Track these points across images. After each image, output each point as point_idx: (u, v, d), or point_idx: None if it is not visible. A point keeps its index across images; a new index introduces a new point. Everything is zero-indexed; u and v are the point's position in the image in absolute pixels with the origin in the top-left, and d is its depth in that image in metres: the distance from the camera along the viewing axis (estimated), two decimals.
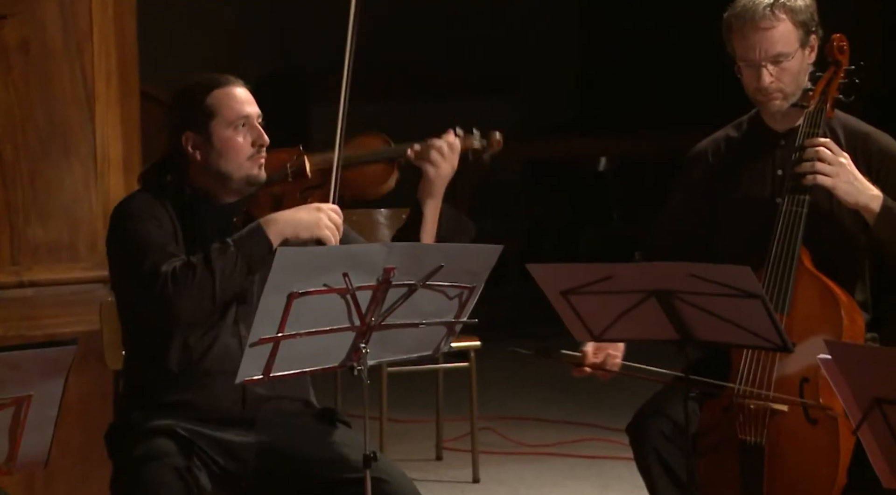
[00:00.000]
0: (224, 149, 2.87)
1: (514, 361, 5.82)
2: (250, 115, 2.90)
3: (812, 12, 3.03)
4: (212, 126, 2.87)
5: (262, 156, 2.90)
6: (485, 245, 2.75)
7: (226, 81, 2.91)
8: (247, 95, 2.92)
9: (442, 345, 2.81)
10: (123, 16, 3.81)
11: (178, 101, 2.94)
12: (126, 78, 3.82)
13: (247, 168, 2.88)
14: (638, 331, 2.84)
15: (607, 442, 4.75)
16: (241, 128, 2.88)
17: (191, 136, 2.89)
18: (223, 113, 2.88)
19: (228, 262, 2.76)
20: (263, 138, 2.90)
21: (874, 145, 3.06)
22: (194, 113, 2.88)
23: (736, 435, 2.93)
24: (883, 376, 2.05)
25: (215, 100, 2.88)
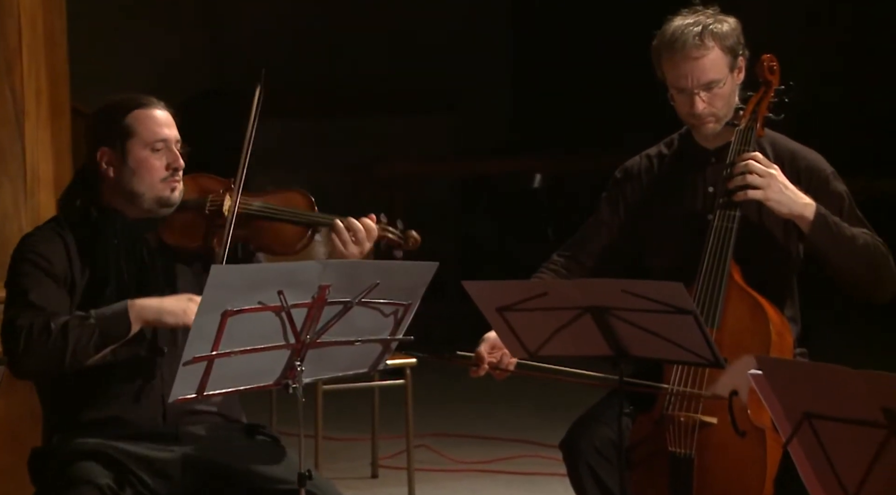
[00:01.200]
0: (138, 168, 2.89)
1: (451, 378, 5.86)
2: (168, 138, 2.91)
3: (738, 35, 3.07)
4: (128, 145, 2.89)
5: (176, 180, 2.91)
6: (420, 262, 2.75)
7: (148, 103, 2.93)
8: (167, 118, 2.93)
9: (378, 362, 2.81)
10: (54, 34, 3.77)
11: (98, 116, 2.96)
12: (56, 96, 3.78)
13: (159, 189, 2.90)
14: (573, 347, 2.86)
15: (542, 458, 4.77)
16: (158, 151, 2.90)
17: (106, 153, 2.91)
18: (141, 133, 2.89)
19: (84, 334, 2.77)
20: (178, 162, 2.91)
21: (802, 162, 3.11)
22: (113, 130, 2.90)
23: (666, 448, 2.96)
24: (812, 391, 2.08)
25: (135, 119, 2.90)
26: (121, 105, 2.92)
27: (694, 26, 3.03)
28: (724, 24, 3.05)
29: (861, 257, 2.98)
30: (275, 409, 4.53)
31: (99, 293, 2.86)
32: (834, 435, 2.07)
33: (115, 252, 2.87)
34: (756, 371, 2.15)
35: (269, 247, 3.02)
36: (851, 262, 2.99)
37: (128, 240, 2.90)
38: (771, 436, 2.89)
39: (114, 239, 2.88)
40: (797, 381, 2.10)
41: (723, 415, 2.94)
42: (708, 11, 3.07)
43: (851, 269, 2.99)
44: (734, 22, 3.07)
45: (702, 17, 3.06)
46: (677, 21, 3.06)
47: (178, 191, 2.91)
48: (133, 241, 2.89)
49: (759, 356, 2.33)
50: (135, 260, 2.89)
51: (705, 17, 3.05)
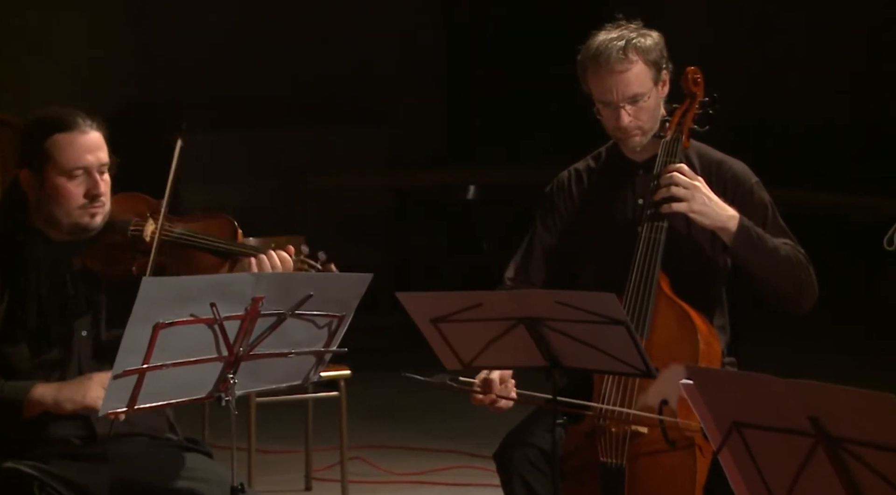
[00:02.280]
0: (54, 195, 2.82)
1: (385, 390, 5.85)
2: (89, 166, 2.82)
3: (661, 49, 3.11)
4: (46, 170, 2.82)
5: (96, 206, 2.83)
6: (354, 274, 2.75)
7: (73, 125, 2.82)
8: (91, 142, 2.83)
9: (311, 374, 2.80)
10: None
11: (23, 135, 2.88)
12: None
13: (76, 216, 2.83)
14: (507, 359, 2.87)
15: (476, 469, 4.78)
16: (76, 178, 2.81)
17: (26, 175, 2.85)
18: (59, 160, 2.81)
19: None
20: (98, 189, 2.82)
21: (728, 172, 3.15)
22: (32, 153, 2.83)
23: (598, 458, 2.98)
24: (741, 400, 2.10)
25: (53, 144, 2.81)
26: (42, 126, 2.82)
27: (617, 41, 3.06)
28: (647, 38, 3.09)
29: (782, 269, 3.03)
30: (207, 422, 4.49)
31: (19, 319, 2.80)
32: (762, 443, 2.10)
33: (37, 276, 2.82)
34: (686, 380, 2.18)
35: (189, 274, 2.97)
36: (773, 274, 3.03)
37: (51, 264, 2.84)
38: (701, 445, 2.92)
39: (36, 262, 2.82)
40: (726, 390, 2.12)
41: (653, 425, 2.96)
42: (631, 26, 3.11)
43: (773, 281, 3.04)
44: (657, 36, 3.11)
45: (625, 31, 3.09)
46: (601, 36, 3.09)
47: (99, 217, 2.84)
48: (57, 265, 2.84)
49: (689, 365, 2.36)
50: (57, 285, 2.84)
51: (628, 32, 3.09)
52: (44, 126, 2.84)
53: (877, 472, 1.98)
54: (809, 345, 6.21)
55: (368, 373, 4.73)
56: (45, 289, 2.82)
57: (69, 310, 2.83)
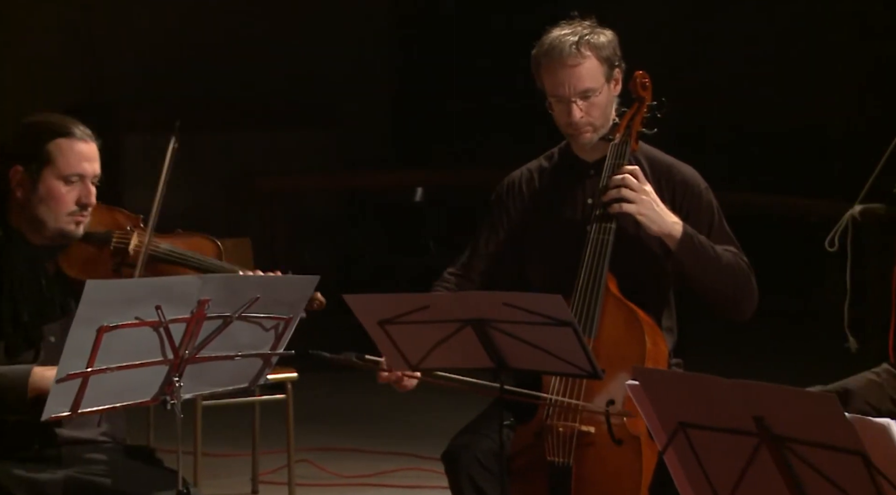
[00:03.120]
0: (47, 197, 2.82)
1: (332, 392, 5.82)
2: (85, 173, 2.85)
3: (614, 47, 3.14)
4: (43, 171, 2.83)
5: (84, 216, 2.85)
6: (301, 276, 2.74)
7: (75, 132, 2.86)
8: (91, 152, 2.87)
9: (258, 377, 2.79)
10: None
11: (21, 133, 2.89)
12: None
13: (64, 222, 2.84)
14: (454, 360, 2.87)
15: (424, 470, 4.78)
16: (72, 184, 2.83)
17: (19, 172, 2.84)
18: (59, 163, 2.83)
19: None
20: (90, 199, 2.85)
21: (677, 175, 3.18)
22: (32, 151, 2.83)
23: (545, 458, 2.99)
24: (687, 401, 2.12)
25: (57, 147, 2.83)
26: (47, 128, 2.85)
27: (571, 36, 3.10)
28: (600, 35, 3.12)
29: (724, 276, 3.06)
30: (152, 426, 4.46)
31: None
32: (707, 443, 2.12)
33: (13, 277, 2.79)
34: (632, 381, 2.19)
35: None
36: (714, 281, 3.06)
37: (28, 266, 2.82)
38: (646, 445, 2.94)
39: (12, 262, 2.80)
40: (672, 391, 2.14)
41: (600, 425, 2.98)
42: (585, 23, 3.14)
43: (713, 288, 3.07)
44: (611, 34, 3.15)
45: (579, 27, 3.13)
46: (555, 32, 3.13)
47: (82, 226, 2.85)
48: (32, 268, 2.82)
49: (636, 366, 2.38)
50: (32, 287, 2.82)
51: (582, 29, 3.12)
52: (49, 128, 2.85)
53: (818, 471, 2.00)
54: (754, 346, 6.28)
55: (316, 376, 4.72)
56: (19, 292, 2.80)
57: (43, 313, 2.81)
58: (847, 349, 4.46)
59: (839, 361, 4.89)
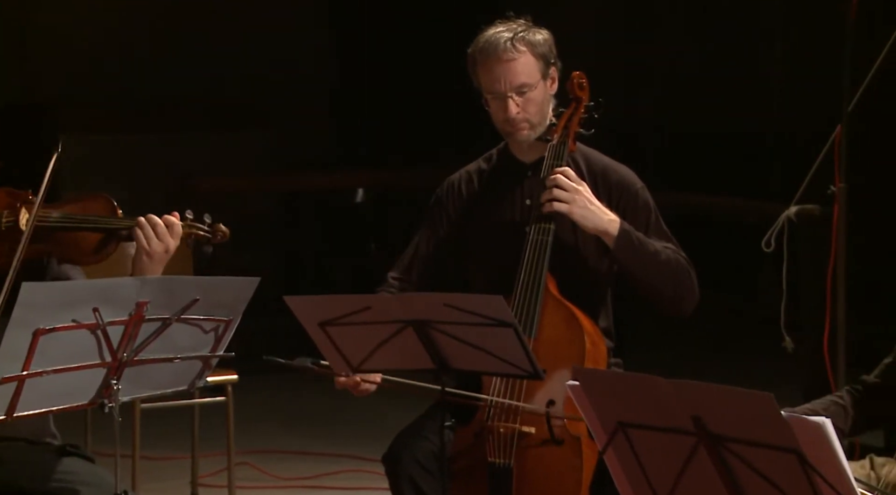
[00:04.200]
0: None
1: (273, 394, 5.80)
2: None
3: (550, 45, 3.17)
4: None
5: None
6: (241, 278, 2.72)
7: None
8: None
9: (198, 379, 2.77)
10: None
11: None
12: None
13: None
14: (396, 361, 2.87)
15: (365, 472, 4.77)
16: None
17: None
18: None
19: None
20: None
21: (613, 176, 3.20)
22: None
23: (486, 459, 3.00)
24: (626, 401, 2.14)
25: None
26: None
27: (506, 33, 3.13)
28: (536, 33, 3.15)
29: (663, 273, 3.09)
30: (90, 429, 4.41)
31: None
32: (647, 443, 2.14)
33: None
34: (572, 381, 2.20)
35: (75, 258, 2.93)
36: (653, 278, 3.09)
37: None
38: (587, 444, 2.96)
39: None
40: (611, 391, 2.16)
41: (540, 425, 3.00)
42: (520, 21, 3.17)
43: (653, 284, 3.10)
44: (546, 33, 3.18)
45: (514, 25, 3.16)
46: (491, 30, 3.16)
47: None
48: None
49: (576, 366, 2.39)
50: None
51: (518, 26, 3.15)
52: None
53: (755, 469, 2.02)
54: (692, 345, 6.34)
55: (256, 378, 4.69)
56: None
57: None
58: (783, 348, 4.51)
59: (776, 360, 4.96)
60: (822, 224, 4.46)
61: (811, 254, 4.65)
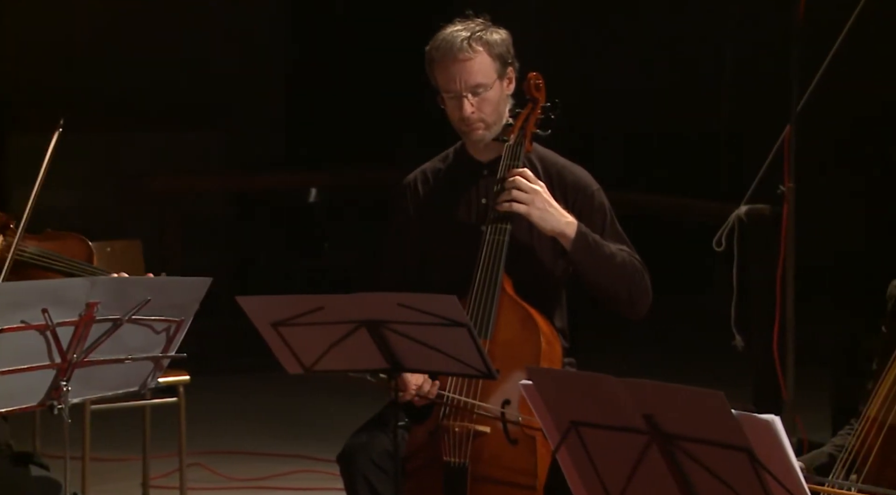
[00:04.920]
0: None
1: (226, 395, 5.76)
2: None
3: (507, 45, 3.17)
4: None
5: None
6: (193, 278, 2.71)
7: None
8: None
9: (149, 380, 2.75)
10: None
11: None
12: None
13: None
14: (349, 362, 2.87)
15: (319, 472, 4.76)
16: None
17: None
18: None
19: None
20: None
21: (569, 177, 3.22)
22: None
23: (441, 458, 3.00)
24: (579, 400, 2.15)
25: None
26: None
27: (464, 32, 3.13)
28: (494, 33, 3.16)
29: (618, 275, 3.11)
30: (38, 431, 4.37)
31: None
32: (599, 442, 2.15)
33: None
34: (526, 380, 2.21)
35: None
36: (609, 280, 3.10)
37: None
38: (541, 444, 2.97)
39: None
40: (565, 390, 2.17)
41: (495, 425, 3.00)
42: (478, 20, 3.17)
43: (608, 286, 3.11)
44: (505, 33, 3.18)
45: (472, 24, 3.16)
46: (448, 29, 3.16)
47: None
48: None
49: (530, 366, 2.40)
50: None
51: (475, 26, 3.16)
52: None
53: (706, 467, 2.04)
54: (644, 344, 6.38)
55: (208, 379, 4.66)
56: None
57: None
58: (734, 347, 4.55)
59: (726, 359, 5.00)
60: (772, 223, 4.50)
61: (760, 253, 4.69)
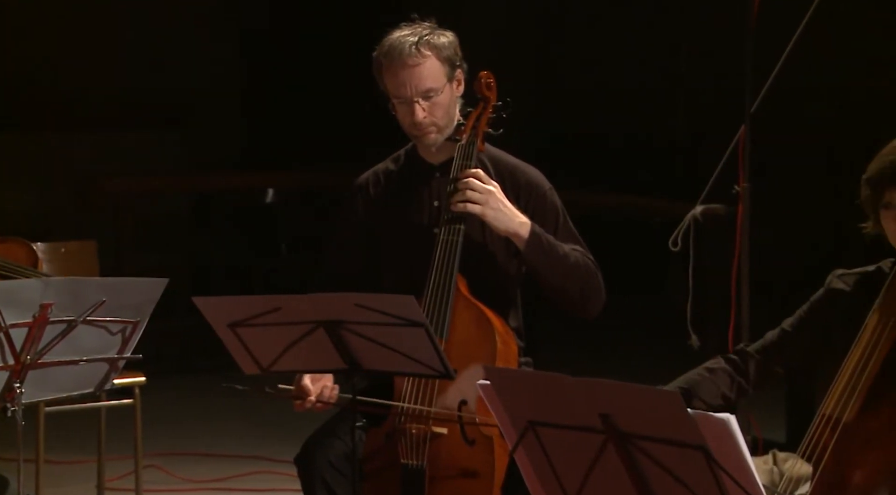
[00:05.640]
0: None
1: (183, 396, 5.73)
2: None
3: (455, 47, 3.17)
4: None
5: None
6: (149, 278, 2.69)
7: None
8: None
9: (104, 381, 2.74)
10: None
11: None
12: None
13: None
14: (307, 362, 2.87)
15: (277, 474, 4.75)
16: None
17: None
18: None
19: None
20: None
21: (522, 177, 3.22)
22: None
23: (398, 460, 3.00)
24: (536, 399, 2.15)
25: None
26: None
27: (411, 36, 3.12)
28: (441, 36, 3.15)
29: (571, 275, 3.12)
30: None
31: None
32: (556, 441, 2.16)
33: None
34: (483, 381, 2.21)
35: None
36: (562, 280, 3.12)
37: None
38: (498, 444, 2.98)
39: None
40: (521, 390, 2.17)
41: (452, 425, 3.01)
42: (425, 24, 3.17)
43: (562, 286, 3.12)
44: (452, 36, 3.18)
45: (419, 28, 3.15)
46: (396, 33, 3.15)
47: None
48: None
49: (486, 366, 2.40)
50: None
51: (422, 30, 3.15)
52: None
53: (662, 466, 2.05)
54: (601, 344, 6.41)
55: (166, 380, 4.64)
56: None
57: None
58: (690, 346, 4.58)
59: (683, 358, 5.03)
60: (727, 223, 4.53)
61: (715, 253, 4.73)
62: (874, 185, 2.69)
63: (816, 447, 2.60)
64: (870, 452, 2.55)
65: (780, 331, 2.85)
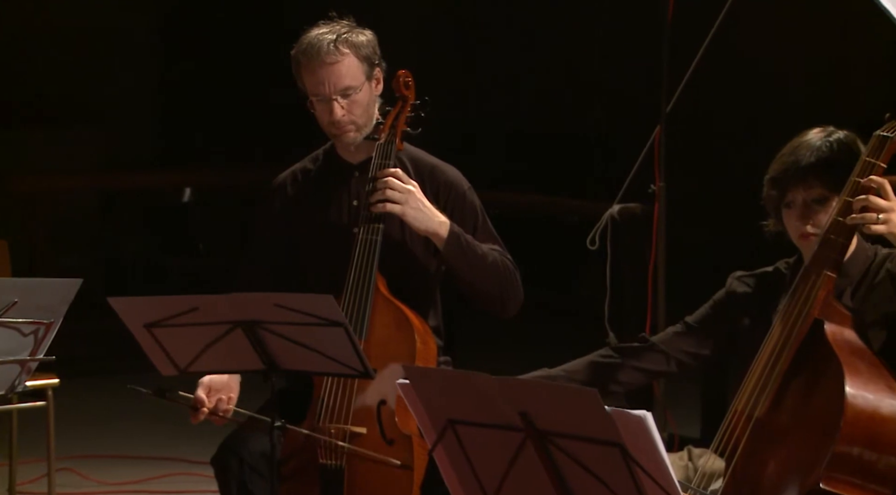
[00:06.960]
0: None
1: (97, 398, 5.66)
2: None
3: (374, 46, 3.17)
4: None
5: None
6: (62, 279, 2.66)
7: None
8: None
9: (16, 383, 2.69)
10: None
11: None
12: None
13: None
14: (225, 363, 2.85)
15: (193, 475, 4.71)
16: None
17: None
18: None
19: None
20: None
21: (441, 176, 3.23)
22: None
23: (317, 460, 2.99)
24: (456, 398, 2.16)
25: None
26: None
27: (329, 34, 3.12)
28: (359, 34, 3.15)
29: (489, 275, 3.13)
30: None
31: None
32: (476, 440, 2.17)
33: None
34: (403, 379, 2.22)
35: None
36: (480, 279, 3.13)
37: None
38: (418, 443, 2.98)
39: None
40: (441, 389, 2.18)
41: (371, 425, 3.00)
42: (343, 22, 3.16)
43: (480, 285, 3.14)
44: (370, 34, 3.18)
45: (337, 27, 3.15)
46: (314, 31, 3.15)
47: None
48: None
49: (406, 365, 2.41)
50: None
51: (340, 27, 3.15)
52: None
53: (580, 463, 2.07)
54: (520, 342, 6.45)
55: (80, 381, 4.58)
56: None
57: None
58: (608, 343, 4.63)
59: None
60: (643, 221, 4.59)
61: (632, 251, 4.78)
62: (777, 185, 2.75)
63: (729, 442, 2.64)
64: (780, 447, 2.60)
65: (684, 324, 2.91)
